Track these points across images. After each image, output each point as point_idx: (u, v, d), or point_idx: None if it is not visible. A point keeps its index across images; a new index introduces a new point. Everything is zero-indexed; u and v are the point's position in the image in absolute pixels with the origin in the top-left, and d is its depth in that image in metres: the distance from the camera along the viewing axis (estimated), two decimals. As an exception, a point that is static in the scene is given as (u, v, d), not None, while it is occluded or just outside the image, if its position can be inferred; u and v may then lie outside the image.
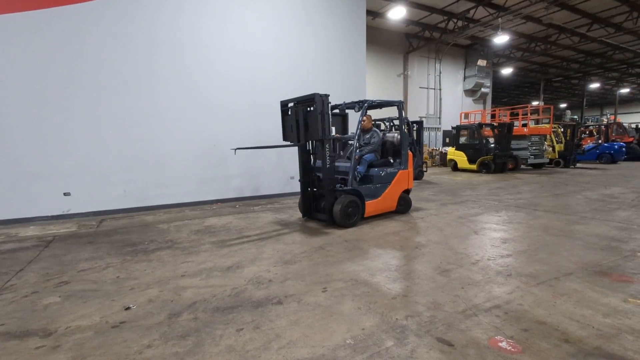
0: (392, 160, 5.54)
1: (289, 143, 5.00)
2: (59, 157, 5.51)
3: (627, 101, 37.65)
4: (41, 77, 5.34)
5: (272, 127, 6.28)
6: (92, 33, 5.65)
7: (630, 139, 18.31)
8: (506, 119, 15.04)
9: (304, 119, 4.58)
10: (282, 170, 7.67)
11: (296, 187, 6.60)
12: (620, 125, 19.96)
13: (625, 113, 37.06)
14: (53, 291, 2.78)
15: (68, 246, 4.06)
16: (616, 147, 16.05)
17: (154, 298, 2.61)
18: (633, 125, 22.67)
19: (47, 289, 2.83)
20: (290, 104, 4.90)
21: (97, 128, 5.76)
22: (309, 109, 4.57)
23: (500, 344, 1.95)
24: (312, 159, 5.07)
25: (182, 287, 2.81)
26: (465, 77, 20.02)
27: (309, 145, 4.97)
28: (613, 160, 15.97)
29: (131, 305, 2.49)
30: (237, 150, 4.85)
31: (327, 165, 4.56)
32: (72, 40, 5.51)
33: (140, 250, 3.86)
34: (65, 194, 5.58)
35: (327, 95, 4.44)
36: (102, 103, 5.77)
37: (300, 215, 5.43)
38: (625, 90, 31.46)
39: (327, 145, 4.52)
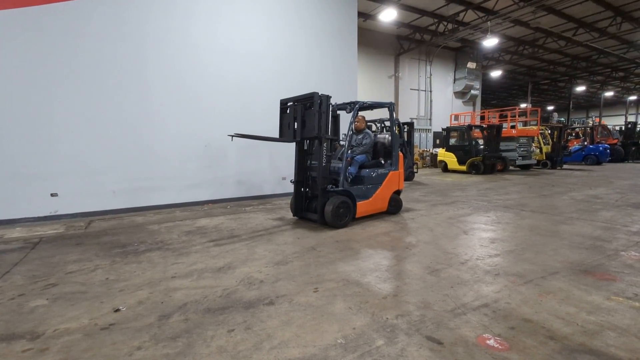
0: (383, 161, 5.59)
1: (282, 138, 5.05)
2: (46, 156, 5.41)
3: (611, 104, 38.58)
4: (27, 75, 5.24)
5: (264, 129, 6.27)
6: (81, 32, 5.56)
7: (615, 141, 18.81)
8: (495, 121, 15.28)
9: (302, 116, 4.67)
10: (274, 171, 7.66)
11: (288, 188, 6.61)
12: (605, 127, 20.48)
13: (609, 115, 37.96)
14: (40, 293, 2.74)
15: (55, 248, 3.99)
16: (601, 148, 16.44)
17: (144, 300, 2.59)
18: (617, 128, 23.26)
19: (34, 291, 2.78)
20: (290, 103, 4.97)
21: (86, 127, 5.67)
22: (308, 107, 4.66)
23: (488, 342, 1.99)
24: (307, 159, 5.09)
25: (173, 288, 2.79)
26: (455, 79, 20.26)
27: (306, 145, 5.00)
28: (598, 162, 16.36)
29: (121, 307, 2.47)
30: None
31: (323, 164, 4.60)
32: (60, 38, 5.42)
33: (130, 251, 3.81)
34: (52, 195, 5.47)
35: (328, 97, 4.56)
36: (91, 102, 5.69)
37: (291, 215, 5.43)
38: (609, 94, 32.23)
39: (324, 144, 4.57)
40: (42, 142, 5.37)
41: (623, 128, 20.75)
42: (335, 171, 5.05)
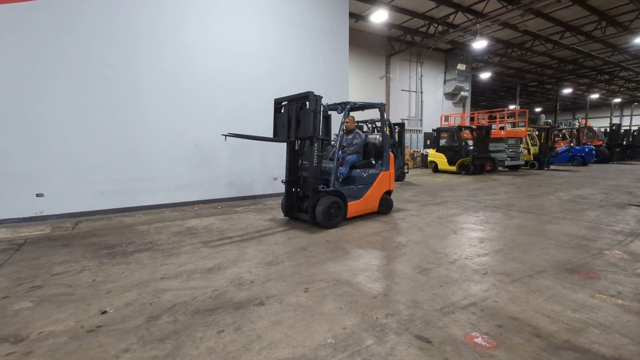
0: (374, 162, 5.61)
1: (276, 137, 5.06)
2: (32, 155, 5.28)
3: (596, 106, 39.47)
4: (14, 72, 5.11)
5: (255, 128, 6.24)
6: (71, 28, 5.46)
7: (600, 143, 19.25)
8: (484, 122, 15.49)
9: (297, 116, 4.68)
10: (265, 171, 7.63)
11: (279, 188, 6.59)
12: (590, 129, 20.94)
13: (595, 117, 38.84)
14: (25, 296, 2.68)
15: (41, 249, 3.91)
16: (587, 150, 16.80)
17: (132, 301, 2.56)
18: (602, 129, 23.79)
19: (19, 293, 2.72)
20: (284, 102, 4.96)
21: (74, 126, 5.56)
22: (302, 107, 4.66)
23: (475, 340, 2.01)
24: (298, 160, 5.09)
25: (162, 289, 2.76)
26: (445, 81, 20.48)
27: (297, 145, 4.99)
28: (584, 163, 16.71)
29: (108, 309, 2.43)
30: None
31: (315, 164, 4.60)
32: (49, 35, 5.30)
33: (118, 252, 3.76)
34: (38, 195, 5.36)
35: (320, 97, 4.56)
36: (79, 100, 5.58)
37: (282, 216, 5.42)
38: (595, 96, 32.98)
39: (316, 144, 4.58)
40: (27, 140, 5.25)
41: (608, 130, 21.22)
42: (327, 171, 5.05)
